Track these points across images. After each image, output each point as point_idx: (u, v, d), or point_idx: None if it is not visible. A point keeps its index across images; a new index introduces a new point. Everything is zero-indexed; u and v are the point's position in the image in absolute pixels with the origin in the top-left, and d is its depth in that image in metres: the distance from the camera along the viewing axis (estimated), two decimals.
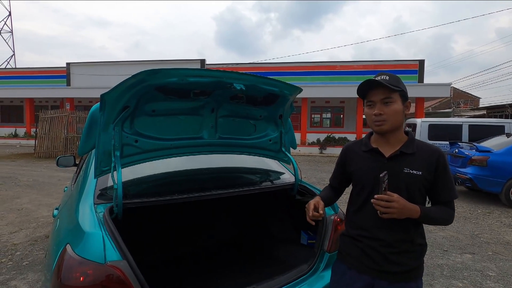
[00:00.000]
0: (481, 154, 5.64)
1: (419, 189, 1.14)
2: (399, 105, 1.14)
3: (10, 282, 2.64)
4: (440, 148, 1.19)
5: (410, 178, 1.12)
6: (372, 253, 1.15)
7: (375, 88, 1.15)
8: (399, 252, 1.13)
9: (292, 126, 2.12)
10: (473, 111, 24.74)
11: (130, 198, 1.50)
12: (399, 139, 1.19)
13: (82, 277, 1.07)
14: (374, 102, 1.15)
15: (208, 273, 2.06)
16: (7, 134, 20.88)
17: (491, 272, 2.98)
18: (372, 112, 1.16)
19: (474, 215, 5.02)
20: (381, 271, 1.14)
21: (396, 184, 1.11)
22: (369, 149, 1.22)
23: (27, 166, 10.02)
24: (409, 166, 1.13)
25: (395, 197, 1.05)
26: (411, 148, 1.16)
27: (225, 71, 1.45)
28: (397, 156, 1.15)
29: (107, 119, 1.39)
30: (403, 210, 1.05)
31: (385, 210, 1.05)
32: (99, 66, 21.02)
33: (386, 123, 1.14)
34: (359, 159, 1.25)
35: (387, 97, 1.13)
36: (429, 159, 1.14)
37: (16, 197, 5.77)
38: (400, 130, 1.19)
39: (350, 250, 1.23)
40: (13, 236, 3.77)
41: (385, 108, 1.13)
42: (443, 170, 1.13)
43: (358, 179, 1.23)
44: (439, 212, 1.14)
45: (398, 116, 1.14)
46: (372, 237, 1.16)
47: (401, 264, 1.13)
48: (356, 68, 18.36)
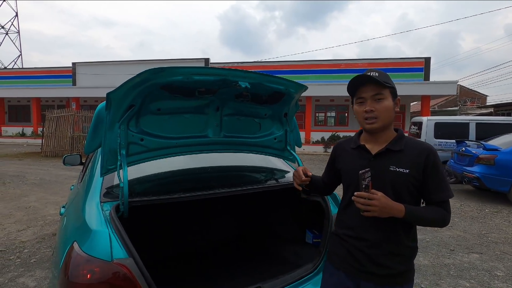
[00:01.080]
0: (489, 152, 5.56)
1: (407, 188, 1.09)
2: (390, 101, 1.12)
3: (19, 279, 2.68)
4: (431, 146, 1.13)
5: (396, 176, 1.08)
6: (357, 254, 1.12)
7: (366, 84, 1.12)
8: (385, 254, 1.09)
9: (297, 125, 2.11)
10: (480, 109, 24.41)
11: (135, 196, 1.50)
12: (388, 136, 1.16)
13: (89, 275, 1.08)
14: (365, 98, 1.13)
15: (213, 272, 2.07)
16: (15, 133, 21.18)
17: (499, 272, 2.94)
18: (363, 109, 1.13)
19: (481, 214, 4.96)
20: (366, 272, 1.11)
21: (381, 182, 1.08)
22: (357, 146, 1.20)
23: (34, 164, 10.15)
24: (396, 163, 1.09)
25: (378, 195, 1.01)
26: (398, 145, 1.12)
27: (230, 69, 1.45)
28: (383, 154, 1.12)
29: (113, 117, 1.39)
30: (385, 208, 1.01)
31: (365, 208, 1.02)
32: (104, 66, 21.18)
33: (378, 120, 1.11)
34: (347, 156, 1.23)
35: (378, 93, 1.11)
36: (418, 157, 1.09)
37: (23, 196, 5.85)
38: (389, 128, 1.16)
39: (337, 249, 1.21)
40: (21, 233, 3.83)
41: (376, 105, 1.11)
42: (433, 169, 1.08)
43: (345, 176, 1.22)
44: (429, 212, 1.07)
45: (389, 112, 1.12)
46: (357, 237, 1.13)
47: (387, 267, 1.09)
48: (360, 66, 18.22)
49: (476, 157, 5.68)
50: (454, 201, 5.67)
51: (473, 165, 5.74)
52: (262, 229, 2.63)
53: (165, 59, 20.48)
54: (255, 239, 2.58)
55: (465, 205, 5.48)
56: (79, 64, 21.69)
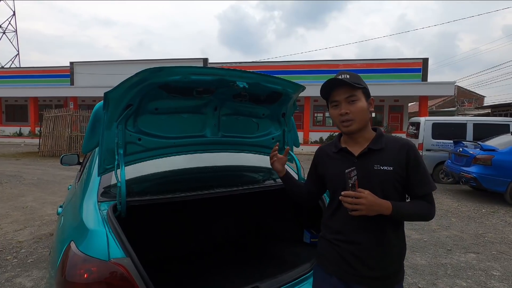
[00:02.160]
0: (486, 153, 5.59)
1: (393, 185, 1.10)
2: (363, 102, 1.13)
3: (15, 279, 2.67)
4: (410, 141, 1.15)
5: (382, 174, 1.09)
6: (349, 257, 1.11)
7: (338, 87, 1.13)
8: (376, 256, 1.09)
9: (295, 125, 2.11)
10: (477, 109, 24.52)
11: (133, 196, 1.50)
12: (367, 136, 1.17)
13: (86, 274, 1.07)
14: (339, 101, 1.14)
15: (211, 272, 2.07)
16: (12, 133, 21.07)
17: (495, 271, 2.96)
18: (338, 112, 1.15)
19: (478, 214, 4.98)
20: (359, 276, 1.10)
21: (369, 182, 1.08)
22: (338, 149, 1.20)
23: (31, 164, 10.11)
24: (379, 162, 1.10)
25: (365, 193, 1.02)
26: (379, 144, 1.13)
27: (228, 69, 1.45)
28: (365, 154, 1.13)
29: (110, 117, 1.39)
30: (373, 206, 1.01)
31: (352, 207, 1.02)
32: (102, 65, 21.12)
33: (354, 123, 1.13)
34: (329, 160, 1.23)
35: (351, 95, 1.12)
36: (399, 153, 1.11)
37: (21, 195, 5.83)
38: (367, 128, 1.17)
39: (327, 253, 1.19)
40: (18, 234, 3.81)
41: (351, 107, 1.12)
42: (414, 163, 1.10)
43: (330, 182, 1.21)
44: (415, 206, 1.09)
45: (364, 113, 1.13)
46: (348, 241, 1.12)
47: (380, 268, 1.09)
48: (359, 67, 18.26)
49: (473, 158, 5.71)
50: (451, 201, 5.71)
51: (470, 166, 5.77)
52: (260, 229, 2.63)
53: (164, 59, 20.44)
54: (253, 239, 2.58)
55: (462, 205, 5.50)
56: (77, 63, 21.61)
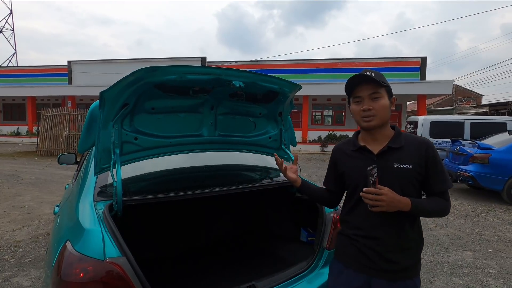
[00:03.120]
0: (483, 151, 5.62)
1: (412, 183, 1.13)
2: (386, 100, 1.15)
3: (13, 279, 2.67)
4: (428, 139, 1.18)
5: (401, 172, 1.12)
6: (368, 252, 1.15)
7: (363, 83, 1.15)
8: (395, 250, 1.12)
9: (292, 124, 2.12)
10: (475, 108, 24.61)
11: (129, 195, 1.50)
12: (386, 134, 1.19)
13: (82, 274, 1.07)
14: (362, 97, 1.16)
15: (208, 270, 2.07)
16: (10, 132, 20.97)
17: (491, 269, 2.98)
18: (360, 108, 1.16)
19: (475, 212, 5.01)
20: (378, 270, 1.13)
21: (388, 180, 1.10)
22: (358, 147, 1.21)
23: (29, 164, 10.07)
24: (399, 160, 1.13)
25: (385, 190, 1.05)
26: (398, 142, 1.15)
27: (224, 68, 1.45)
28: (385, 152, 1.15)
29: (106, 116, 1.39)
30: (393, 202, 1.05)
31: (373, 203, 1.05)
32: (100, 64, 21.04)
33: (375, 118, 1.14)
34: (348, 159, 1.24)
35: (375, 92, 1.13)
36: (418, 151, 1.13)
37: (18, 195, 5.81)
38: (386, 126, 1.19)
39: (346, 249, 1.23)
40: (16, 233, 3.80)
41: (374, 103, 1.14)
42: (433, 161, 1.13)
43: (350, 179, 1.22)
44: (432, 203, 1.13)
45: (386, 111, 1.15)
46: (367, 236, 1.15)
47: (398, 262, 1.12)
48: (357, 66, 18.27)
49: (471, 156, 5.73)
50: None
51: (467, 164, 5.80)
52: (257, 228, 2.64)
53: (162, 58, 20.38)
54: (250, 237, 2.58)
55: (459, 204, 5.53)
56: (75, 62, 21.51)
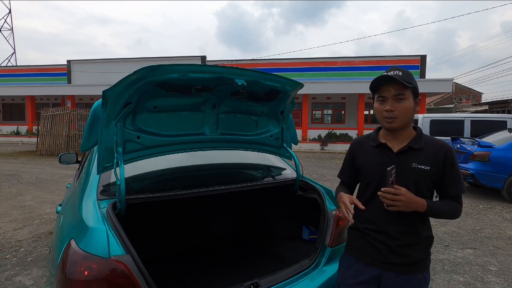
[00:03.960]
0: (483, 149, 5.62)
1: (427, 184, 1.15)
2: (410, 102, 1.14)
3: (15, 278, 2.67)
4: (448, 143, 1.19)
5: (418, 173, 1.13)
6: (379, 246, 1.17)
7: (389, 83, 1.14)
8: (405, 244, 1.15)
9: (293, 122, 2.12)
10: (475, 106, 24.62)
11: (132, 194, 1.51)
12: (407, 135, 1.19)
13: (86, 272, 1.08)
14: (386, 97, 1.15)
15: (210, 268, 2.08)
16: (10, 132, 20.95)
17: (492, 266, 2.99)
18: (383, 108, 1.15)
19: (475, 210, 5.02)
20: (388, 263, 1.16)
21: (404, 179, 1.12)
22: (378, 144, 1.22)
23: (29, 163, 10.07)
24: (417, 161, 1.14)
25: (402, 191, 1.07)
26: (419, 144, 1.16)
27: (226, 67, 1.45)
28: (405, 151, 1.16)
29: (109, 115, 1.39)
30: (410, 203, 1.07)
31: (391, 203, 1.07)
32: (99, 64, 21.00)
33: (397, 120, 1.14)
34: (367, 154, 1.25)
35: (400, 93, 1.13)
36: (437, 154, 1.14)
37: (19, 194, 5.81)
38: (409, 126, 1.19)
39: (357, 243, 1.25)
40: (17, 232, 3.81)
41: (397, 105, 1.13)
42: (451, 165, 1.14)
43: (366, 174, 1.24)
44: (446, 206, 1.15)
45: (409, 113, 1.14)
46: (379, 231, 1.18)
47: (408, 256, 1.15)
48: (357, 64, 18.27)
49: (471, 154, 5.74)
50: None
51: (467, 162, 5.80)
52: (259, 226, 2.64)
53: (161, 57, 20.35)
54: (252, 235, 2.59)
55: None
56: (74, 61, 21.47)
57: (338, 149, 15.70)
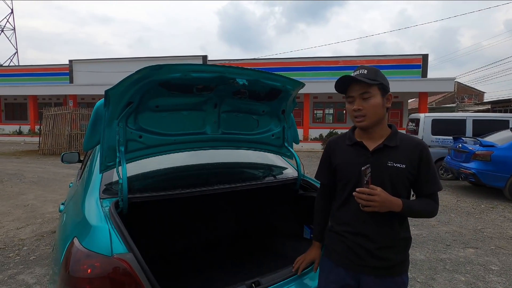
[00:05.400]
0: (485, 149, 5.61)
1: (403, 182, 1.13)
2: (378, 99, 1.13)
3: (18, 276, 2.69)
4: (423, 141, 1.18)
5: (394, 171, 1.12)
6: (357, 249, 1.15)
7: (353, 83, 1.14)
8: (383, 247, 1.13)
9: (294, 121, 2.12)
10: (477, 105, 24.51)
11: (134, 192, 1.52)
12: (382, 132, 1.18)
13: (89, 269, 1.09)
14: (354, 97, 1.15)
15: (212, 266, 2.09)
16: (12, 131, 21.04)
17: (494, 266, 2.99)
18: (352, 108, 1.16)
19: (477, 210, 5.01)
20: (367, 267, 1.14)
21: (380, 178, 1.11)
22: (353, 142, 1.21)
23: (31, 163, 10.12)
24: (393, 159, 1.13)
25: (378, 191, 1.05)
26: (394, 141, 1.15)
27: (228, 66, 1.46)
28: (380, 150, 1.15)
29: (111, 114, 1.40)
30: (385, 203, 1.06)
31: (366, 203, 1.06)
32: (101, 63, 21.04)
33: (366, 119, 1.14)
34: (343, 153, 1.24)
35: (365, 91, 1.12)
36: (412, 152, 1.13)
37: (21, 194, 5.84)
38: (382, 124, 1.18)
39: (336, 246, 1.23)
40: (20, 231, 3.83)
41: (364, 103, 1.13)
42: (426, 163, 1.13)
43: (342, 173, 1.22)
44: (422, 205, 1.14)
45: (378, 110, 1.13)
46: (356, 233, 1.16)
47: (387, 259, 1.13)
48: (359, 63, 18.21)
49: (473, 154, 5.72)
50: (451, 197, 5.73)
51: (469, 162, 5.79)
52: (260, 225, 2.65)
53: (163, 56, 20.36)
54: (254, 234, 2.60)
55: (461, 201, 5.53)
56: (76, 61, 21.52)
57: None
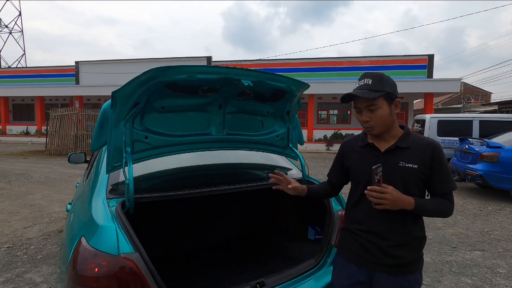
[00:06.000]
0: (492, 150, 5.54)
1: (415, 182, 1.15)
2: (384, 109, 1.14)
3: (26, 275, 2.73)
4: (435, 141, 1.20)
5: (406, 171, 1.14)
6: (370, 247, 1.17)
7: (358, 96, 1.15)
8: (396, 245, 1.15)
9: (299, 122, 2.13)
10: (484, 106, 24.22)
11: (140, 193, 1.53)
12: (394, 135, 1.20)
13: (97, 268, 1.11)
14: (360, 108, 1.18)
15: (216, 267, 2.10)
16: (19, 132, 21.34)
17: (501, 269, 2.95)
18: (360, 118, 1.19)
19: (484, 212, 4.95)
20: (380, 264, 1.16)
21: (392, 178, 1.13)
22: (365, 144, 1.24)
23: (38, 163, 10.25)
24: (405, 159, 1.15)
25: (389, 189, 1.07)
26: (406, 142, 1.17)
27: (233, 67, 1.47)
28: (392, 150, 1.17)
29: (118, 115, 1.42)
30: (396, 201, 1.07)
31: (377, 201, 1.08)
32: (107, 64, 21.25)
33: (375, 128, 1.17)
34: (355, 154, 1.27)
35: (370, 104, 1.14)
36: (424, 152, 1.15)
37: (29, 193, 5.92)
38: (393, 127, 1.20)
39: (349, 244, 1.26)
40: (27, 230, 3.89)
41: (371, 115, 1.15)
42: (438, 163, 1.14)
43: (355, 174, 1.25)
44: (436, 204, 1.15)
45: (385, 119, 1.16)
46: (369, 231, 1.18)
47: (399, 257, 1.14)
48: (363, 64, 18.13)
49: (479, 155, 5.65)
50: (457, 199, 5.65)
51: (476, 163, 5.72)
52: (265, 226, 2.65)
53: (167, 58, 20.50)
54: (258, 235, 2.60)
55: (468, 203, 5.47)
56: (82, 62, 21.77)
57: None
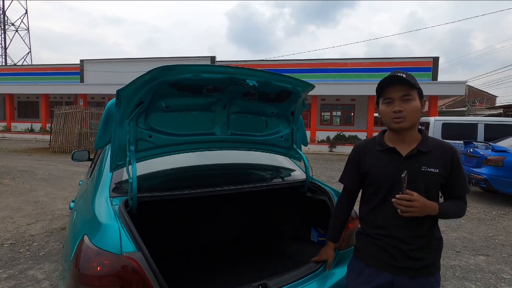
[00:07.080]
0: (497, 154, 5.48)
1: (436, 186, 1.17)
2: (418, 102, 1.15)
3: (28, 272, 2.74)
4: (453, 146, 1.22)
5: (428, 176, 1.14)
6: (392, 251, 1.17)
7: (396, 84, 1.14)
8: (418, 248, 1.15)
9: (303, 123, 2.12)
10: (489, 110, 24.01)
11: (143, 192, 1.53)
12: (414, 137, 1.19)
13: (99, 267, 1.10)
14: (393, 99, 1.15)
15: (219, 267, 2.09)
16: (24, 129, 21.52)
17: (505, 274, 2.91)
18: (391, 109, 1.15)
19: (488, 216, 4.90)
20: (402, 268, 1.16)
21: (414, 183, 1.12)
22: (385, 148, 1.21)
23: (42, 160, 10.32)
24: (427, 164, 1.15)
25: (415, 196, 1.08)
26: (426, 146, 1.17)
27: (238, 67, 1.46)
28: (414, 155, 1.16)
29: (122, 114, 1.42)
30: (424, 208, 1.09)
31: (406, 209, 1.08)
32: (111, 63, 21.36)
33: (406, 120, 1.14)
34: (374, 158, 1.23)
35: (407, 94, 1.13)
36: (444, 156, 1.16)
37: (32, 190, 5.96)
38: (415, 128, 1.20)
39: (368, 248, 1.24)
40: (30, 227, 3.91)
41: (405, 105, 1.14)
42: (457, 167, 1.17)
43: (374, 179, 1.22)
44: (455, 207, 1.18)
45: (417, 113, 1.15)
46: (391, 236, 1.17)
47: (421, 259, 1.15)
48: (367, 66, 18.06)
49: (484, 159, 5.60)
50: None
51: (481, 167, 5.67)
52: (267, 227, 2.64)
53: (172, 57, 20.58)
54: (261, 236, 2.59)
55: (472, 207, 5.41)
56: (87, 61, 21.90)
57: (347, 151, 15.53)
